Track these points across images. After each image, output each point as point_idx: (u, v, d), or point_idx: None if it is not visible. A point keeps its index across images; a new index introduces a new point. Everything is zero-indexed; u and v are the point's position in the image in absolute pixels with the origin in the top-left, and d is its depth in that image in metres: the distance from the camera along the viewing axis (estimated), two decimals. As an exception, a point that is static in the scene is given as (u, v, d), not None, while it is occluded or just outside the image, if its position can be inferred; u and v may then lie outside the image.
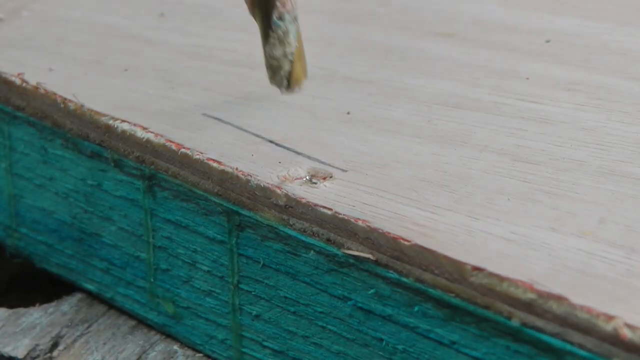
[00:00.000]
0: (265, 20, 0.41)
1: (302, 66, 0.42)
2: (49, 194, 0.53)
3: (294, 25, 0.41)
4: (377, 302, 0.40)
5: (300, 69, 0.41)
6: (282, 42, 0.41)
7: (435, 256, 0.37)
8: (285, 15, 0.40)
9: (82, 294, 0.53)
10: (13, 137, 0.53)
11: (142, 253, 0.49)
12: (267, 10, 0.41)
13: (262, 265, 0.44)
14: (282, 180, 0.42)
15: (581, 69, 0.51)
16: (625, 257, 0.36)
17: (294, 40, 0.41)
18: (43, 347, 0.50)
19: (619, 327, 0.33)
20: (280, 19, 0.40)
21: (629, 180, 0.41)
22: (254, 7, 0.41)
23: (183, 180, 0.46)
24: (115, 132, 0.48)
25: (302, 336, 0.43)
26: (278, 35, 0.41)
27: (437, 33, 0.57)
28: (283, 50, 0.41)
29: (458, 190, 0.41)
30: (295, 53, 0.41)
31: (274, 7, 0.40)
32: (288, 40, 0.41)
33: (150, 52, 0.56)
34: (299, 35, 0.41)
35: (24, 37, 0.59)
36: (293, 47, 0.41)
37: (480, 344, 0.37)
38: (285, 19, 0.40)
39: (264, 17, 0.41)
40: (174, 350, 0.49)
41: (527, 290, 0.35)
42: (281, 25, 0.40)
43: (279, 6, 0.40)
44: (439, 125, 0.47)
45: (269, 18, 0.40)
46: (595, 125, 0.46)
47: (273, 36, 0.41)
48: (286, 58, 0.41)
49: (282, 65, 0.41)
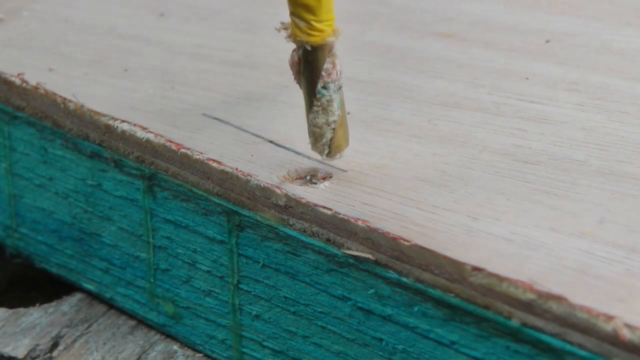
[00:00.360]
0: (310, 89, 0.41)
1: (344, 134, 0.42)
2: (49, 194, 0.53)
3: (338, 94, 0.41)
4: (376, 302, 0.40)
5: (342, 136, 0.42)
6: (326, 111, 0.41)
7: (435, 256, 0.37)
8: (330, 85, 0.41)
9: (82, 294, 0.53)
10: (13, 137, 0.53)
11: (142, 253, 0.49)
12: (312, 78, 0.41)
13: (262, 265, 0.44)
14: (282, 180, 0.42)
15: (581, 69, 0.51)
16: (625, 257, 0.36)
17: (338, 109, 0.41)
18: (43, 347, 0.50)
19: (618, 327, 0.33)
20: (325, 88, 0.41)
21: (629, 180, 0.41)
22: (299, 75, 0.41)
23: (183, 180, 0.46)
24: (115, 132, 0.48)
25: (302, 336, 0.43)
26: (322, 103, 0.41)
27: (437, 33, 0.57)
28: (326, 118, 0.41)
29: (458, 191, 0.41)
30: (338, 121, 0.41)
31: (320, 76, 0.41)
32: (331, 109, 0.41)
33: (150, 52, 0.56)
34: (342, 103, 0.42)
35: (24, 37, 0.59)
36: (336, 116, 0.41)
37: (480, 344, 0.37)
38: (330, 88, 0.41)
39: (308, 85, 0.41)
40: (174, 350, 0.49)
41: (527, 291, 0.35)
42: (325, 94, 0.41)
43: (325, 75, 0.41)
44: (439, 125, 0.47)
45: (314, 86, 0.41)
46: (595, 126, 0.46)
47: (317, 104, 0.41)
48: (329, 126, 0.41)
49: (324, 134, 0.41)
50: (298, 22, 0.40)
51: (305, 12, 0.40)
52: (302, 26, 0.40)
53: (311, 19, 0.40)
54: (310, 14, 0.40)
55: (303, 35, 0.40)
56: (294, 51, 0.41)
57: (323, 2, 0.40)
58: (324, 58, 0.41)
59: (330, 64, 0.41)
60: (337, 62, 0.41)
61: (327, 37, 0.40)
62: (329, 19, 0.40)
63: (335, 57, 0.41)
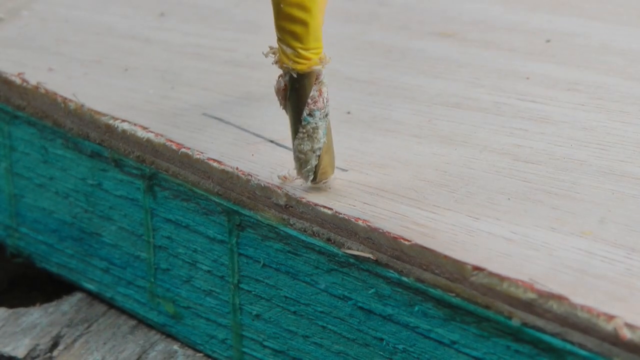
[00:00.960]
0: (296, 115, 0.41)
1: (330, 160, 0.42)
2: (49, 193, 0.53)
3: (324, 121, 0.41)
4: (377, 301, 0.40)
5: (328, 163, 0.42)
6: (311, 138, 0.41)
7: (435, 256, 0.37)
8: (315, 112, 0.41)
9: (82, 293, 0.53)
10: (13, 137, 0.53)
11: (142, 253, 0.49)
12: (298, 105, 0.41)
13: (263, 265, 0.44)
14: (282, 180, 0.42)
15: (581, 69, 0.51)
16: (626, 256, 0.36)
17: (323, 137, 0.41)
18: (43, 347, 0.50)
19: (619, 327, 0.33)
20: (311, 116, 0.41)
21: (629, 180, 0.41)
22: (285, 101, 0.41)
23: (183, 179, 0.46)
24: (116, 131, 0.48)
25: (302, 336, 0.43)
26: (307, 130, 0.41)
27: (437, 33, 0.57)
28: (311, 145, 0.41)
29: (458, 190, 0.41)
30: (324, 148, 0.41)
31: (306, 103, 0.41)
32: (317, 137, 0.41)
33: (150, 52, 0.56)
34: (328, 130, 0.42)
35: (24, 37, 0.59)
36: (321, 143, 0.41)
37: (480, 343, 0.37)
38: (315, 115, 0.41)
39: (294, 111, 0.41)
40: (174, 350, 0.49)
41: (528, 290, 0.35)
42: (311, 122, 0.41)
43: (311, 103, 0.41)
44: (439, 125, 0.47)
45: (300, 113, 0.41)
46: (595, 125, 0.46)
47: (302, 131, 0.41)
48: (314, 153, 0.41)
49: (309, 160, 0.41)
50: (285, 49, 0.40)
51: (293, 40, 0.40)
52: (289, 53, 0.40)
53: (298, 47, 0.40)
54: (297, 41, 0.40)
55: (290, 62, 0.40)
56: (281, 77, 0.41)
57: (311, 30, 0.40)
58: (311, 85, 0.41)
59: (317, 92, 0.41)
60: (323, 90, 0.41)
61: (313, 66, 0.40)
62: (316, 47, 0.40)
63: (322, 85, 0.41)
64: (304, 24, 0.39)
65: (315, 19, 0.39)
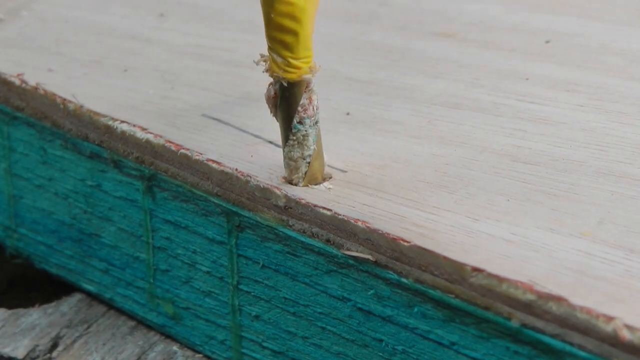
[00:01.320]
0: (286, 123, 0.42)
1: (319, 166, 0.43)
2: (48, 194, 0.53)
3: (314, 129, 0.42)
4: (376, 303, 0.40)
5: (318, 169, 0.43)
6: (301, 145, 0.42)
7: (434, 257, 0.37)
8: (305, 120, 0.41)
9: (82, 294, 0.53)
10: (12, 138, 0.53)
11: (141, 254, 0.49)
12: (289, 113, 0.42)
13: (262, 266, 0.44)
14: (281, 181, 0.42)
15: (581, 69, 0.51)
16: (625, 258, 0.36)
17: (313, 144, 0.42)
18: (42, 348, 0.50)
19: (618, 328, 0.33)
20: (301, 123, 0.41)
21: (629, 181, 0.41)
22: (275, 109, 0.42)
23: (182, 180, 0.46)
24: (115, 132, 0.48)
25: (301, 337, 0.43)
26: (297, 138, 0.42)
27: (437, 33, 0.57)
28: (301, 152, 0.42)
29: (458, 191, 0.41)
30: (313, 155, 0.42)
31: (296, 111, 0.41)
32: (307, 144, 0.42)
33: (150, 52, 0.56)
34: (318, 137, 0.42)
35: (24, 37, 0.59)
36: (311, 150, 0.42)
37: (480, 344, 0.37)
38: (305, 123, 0.42)
39: (284, 119, 0.42)
40: (174, 351, 0.49)
41: (527, 291, 0.35)
42: (301, 129, 0.42)
43: (301, 111, 0.41)
44: (439, 126, 0.47)
45: (290, 121, 0.41)
46: (594, 126, 0.46)
47: (292, 138, 0.42)
48: (304, 160, 0.42)
49: (299, 167, 0.42)
50: (275, 58, 0.40)
51: (283, 49, 0.40)
52: (279, 62, 0.40)
53: (288, 56, 0.40)
54: (287, 51, 0.40)
55: (280, 71, 0.41)
56: (271, 85, 0.42)
57: (301, 39, 0.40)
58: (301, 94, 0.41)
59: (307, 100, 0.41)
60: (313, 98, 0.42)
61: (304, 74, 0.41)
62: (306, 57, 0.41)
63: (312, 93, 0.41)
64: (295, 33, 0.40)
65: (305, 29, 0.40)
